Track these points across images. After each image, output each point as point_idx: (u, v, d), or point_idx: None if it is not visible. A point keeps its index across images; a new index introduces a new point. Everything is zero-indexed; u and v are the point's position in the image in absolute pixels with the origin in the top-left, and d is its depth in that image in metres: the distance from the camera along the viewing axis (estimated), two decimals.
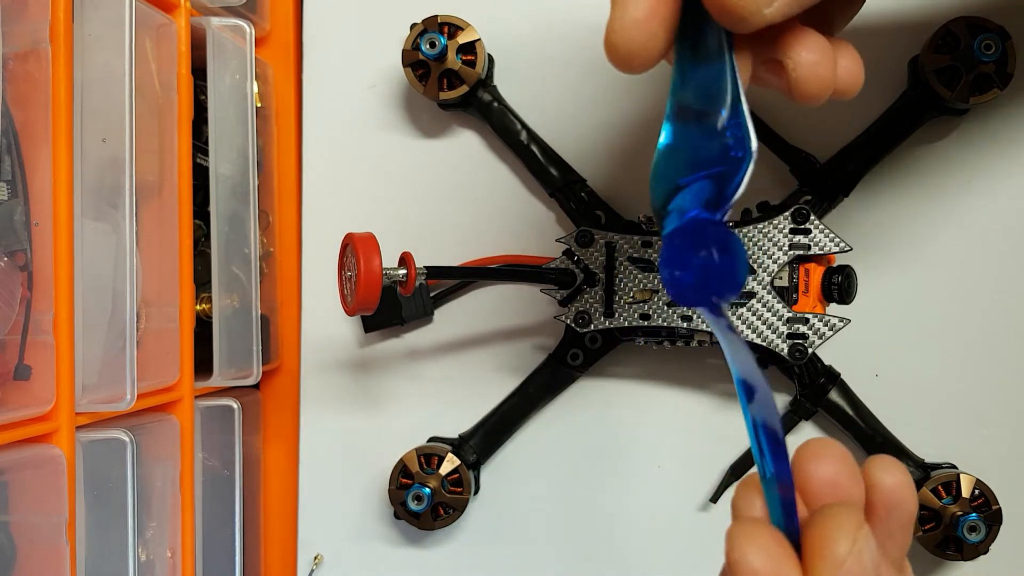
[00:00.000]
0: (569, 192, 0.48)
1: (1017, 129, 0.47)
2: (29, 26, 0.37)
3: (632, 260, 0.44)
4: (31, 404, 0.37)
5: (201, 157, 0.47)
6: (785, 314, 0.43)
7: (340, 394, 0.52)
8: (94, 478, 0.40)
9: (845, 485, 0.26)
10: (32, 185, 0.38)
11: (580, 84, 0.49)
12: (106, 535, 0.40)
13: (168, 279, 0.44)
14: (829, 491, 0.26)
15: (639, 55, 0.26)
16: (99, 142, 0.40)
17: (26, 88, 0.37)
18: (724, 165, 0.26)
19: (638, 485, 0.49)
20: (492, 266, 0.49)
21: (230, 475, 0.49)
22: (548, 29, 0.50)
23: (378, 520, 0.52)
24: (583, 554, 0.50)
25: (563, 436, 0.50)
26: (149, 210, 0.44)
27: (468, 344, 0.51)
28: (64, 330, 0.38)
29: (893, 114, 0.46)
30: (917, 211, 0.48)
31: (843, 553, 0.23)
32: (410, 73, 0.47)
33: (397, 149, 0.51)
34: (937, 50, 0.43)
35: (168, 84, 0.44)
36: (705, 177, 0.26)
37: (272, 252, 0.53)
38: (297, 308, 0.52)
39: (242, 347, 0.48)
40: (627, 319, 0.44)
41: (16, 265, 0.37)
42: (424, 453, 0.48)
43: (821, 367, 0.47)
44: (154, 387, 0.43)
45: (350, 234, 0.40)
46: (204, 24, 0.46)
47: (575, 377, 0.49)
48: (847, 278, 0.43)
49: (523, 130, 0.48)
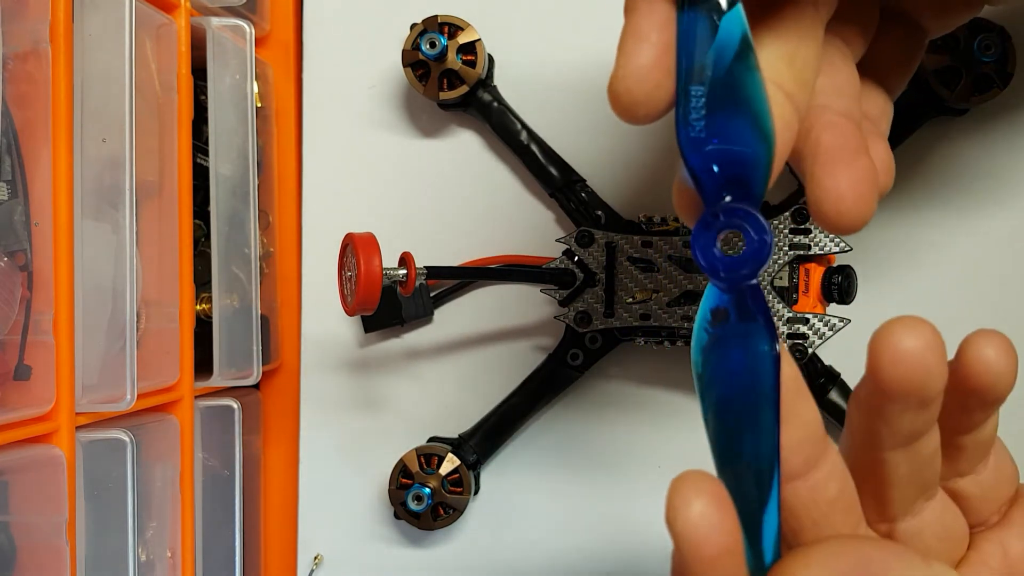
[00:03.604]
0: (569, 192, 0.48)
1: (1017, 129, 0.47)
2: (29, 26, 0.37)
3: (632, 260, 0.44)
4: (31, 404, 0.37)
5: (201, 157, 0.47)
6: (785, 314, 0.43)
7: (340, 394, 0.52)
8: (94, 478, 0.40)
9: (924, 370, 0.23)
10: (32, 185, 0.38)
11: (580, 84, 0.49)
12: (106, 535, 0.40)
13: (168, 279, 0.44)
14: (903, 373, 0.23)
15: (644, 105, 0.25)
16: (99, 142, 0.40)
17: (26, 88, 0.37)
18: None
19: (638, 485, 0.49)
20: (492, 266, 0.49)
21: (230, 475, 0.49)
22: (549, 29, 0.50)
23: (378, 520, 0.52)
24: (583, 554, 0.50)
25: (563, 436, 0.50)
26: (149, 210, 0.44)
27: (468, 344, 0.51)
28: (64, 330, 0.38)
29: (893, 114, 0.46)
30: (917, 211, 0.48)
31: None
32: (410, 73, 0.47)
33: (397, 149, 0.51)
34: (937, 50, 0.43)
35: (168, 84, 0.44)
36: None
37: (272, 252, 0.53)
38: (297, 308, 0.52)
39: (242, 347, 0.48)
40: (627, 319, 0.44)
41: (16, 265, 0.37)
42: (424, 453, 0.48)
43: (821, 367, 0.47)
44: (154, 387, 0.43)
45: (350, 234, 0.40)
46: (204, 24, 0.46)
47: (575, 377, 0.49)
48: (847, 278, 0.43)
49: (523, 130, 0.48)
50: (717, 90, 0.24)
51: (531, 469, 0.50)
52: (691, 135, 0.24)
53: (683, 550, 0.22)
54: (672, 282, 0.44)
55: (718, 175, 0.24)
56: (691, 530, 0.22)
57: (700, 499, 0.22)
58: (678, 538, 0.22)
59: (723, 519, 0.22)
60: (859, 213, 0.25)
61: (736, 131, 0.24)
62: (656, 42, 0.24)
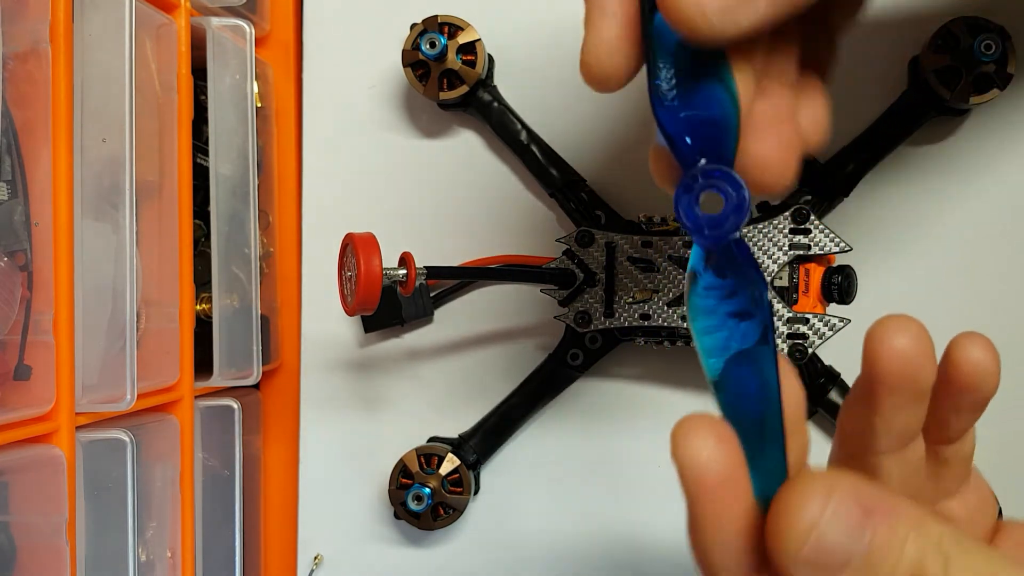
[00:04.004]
0: (569, 192, 0.48)
1: (1017, 129, 0.47)
2: (29, 26, 0.37)
3: (632, 260, 0.44)
4: (31, 404, 0.37)
5: (201, 157, 0.47)
6: (785, 314, 0.43)
7: (340, 394, 0.52)
8: (94, 478, 0.40)
9: (917, 362, 0.25)
10: (32, 185, 0.38)
11: (580, 84, 0.49)
12: (106, 535, 0.40)
13: (168, 279, 0.44)
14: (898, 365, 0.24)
15: (615, 76, 0.26)
16: (99, 142, 0.40)
17: (26, 88, 0.37)
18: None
19: (638, 485, 0.49)
20: (492, 266, 0.49)
21: (230, 475, 0.49)
22: (548, 29, 0.50)
23: (378, 520, 0.52)
24: (583, 554, 0.50)
25: (563, 436, 0.50)
26: (149, 210, 0.44)
27: (468, 344, 0.51)
28: (64, 330, 0.38)
29: (893, 114, 0.46)
30: (917, 211, 0.48)
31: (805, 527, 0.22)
32: (410, 73, 0.47)
33: (397, 149, 0.51)
34: (937, 50, 0.43)
35: (168, 84, 0.44)
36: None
37: (272, 252, 0.53)
38: (297, 308, 0.52)
39: (242, 347, 0.48)
40: (627, 319, 0.44)
41: (16, 265, 0.37)
42: (424, 453, 0.48)
43: (821, 367, 0.47)
44: (154, 387, 0.43)
45: (350, 234, 0.40)
46: (204, 24, 0.46)
47: (575, 377, 0.49)
48: (847, 278, 0.43)
49: (523, 130, 0.48)
50: (684, 60, 0.26)
51: (531, 469, 0.50)
52: (665, 104, 0.26)
53: (686, 480, 0.23)
54: (672, 282, 0.44)
55: (693, 140, 0.25)
56: (691, 459, 0.23)
57: (701, 432, 0.23)
58: (682, 469, 0.23)
59: (723, 449, 0.23)
60: (778, 176, 0.26)
61: (705, 97, 0.26)
62: (620, 14, 0.25)
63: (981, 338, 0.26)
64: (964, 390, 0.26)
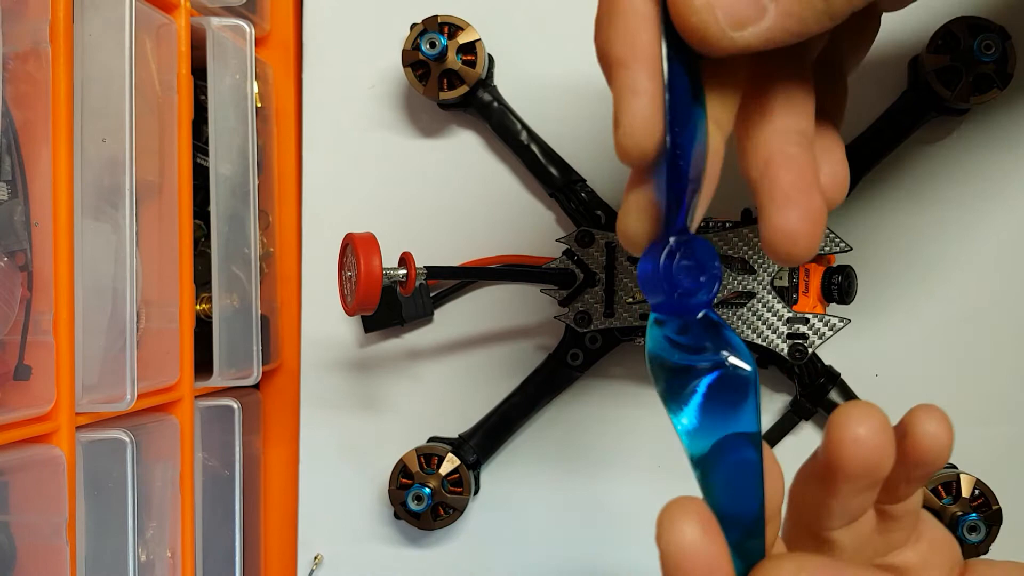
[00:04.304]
0: (569, 192, 0.48)
1: (1017, 129, 0.47)
2: (29, 26, 0.37)
3: (632, 260, 0.44)
4: (31, 404, 0.37)
5: (201, 157, 0.47)
6: (785, 314, 0.43)
7: (340, 394, 0.52)
8: (94, 478, 0.40)
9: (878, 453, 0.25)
10: (32, 185, 0.38)
11: (580, 84, 0.49)
12: (106, 535, 0.40)
13: (168, 279, 0.44)
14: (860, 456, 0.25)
15: (653, 151, 0.26)
16: (99, 142, 0.40)
17: (26, 88, 0.37)
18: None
19: (638, 485, 0.49)
20: (492, 266, 0.49)
21: (230, 475, 0.49)
22: (548, 29, 0.50)
23: (378, 520, 0.52)
24: (583, 554, 0.50)
25: (563, 436, 0.50)
26: (149, 210, 0.44)
27: (468, 344, 0.51)
28: (64, 330, 0.38)
29: (893, 114, 0.46)
30: (917, 211, 0.47)
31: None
32: (410, 73, 0.47)
33: (397, 149, 0.51)
34: (937, 50, 0.43)
35: (168, 84, 0.44)
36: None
37: (272, 252, 0.53)
38: (297, 308, 0.52)
39: (242, 347, 0.48)
40: (627, 319, 0.44)
41: (16, 265, 0.37)
42: (424, 453, 0.48)
43: (821, 367, 0.47)
44: (154, 387, 0.43)
45: (350, 234, 0.40)
46: (204, 24, 0.46)
47: (575, 377, 0.49)
48: (847, 278, 0.43)
49: (523, 130, 0.48)
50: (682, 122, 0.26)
51: (531, 469, 0.50)
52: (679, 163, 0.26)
53: (668, 568, 0.24)
54: None
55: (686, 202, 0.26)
56: (675, 549, 0.24)
57: (687, 519, 0.24)
58: (664, 556, 0.24)
59: (707, 538, 0.24)
60: (805, 250, 0.26)
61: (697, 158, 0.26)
62: (651, 90, 0.26)
63: (937, 411, 0.26)
64: (918, 464, 0.26)
